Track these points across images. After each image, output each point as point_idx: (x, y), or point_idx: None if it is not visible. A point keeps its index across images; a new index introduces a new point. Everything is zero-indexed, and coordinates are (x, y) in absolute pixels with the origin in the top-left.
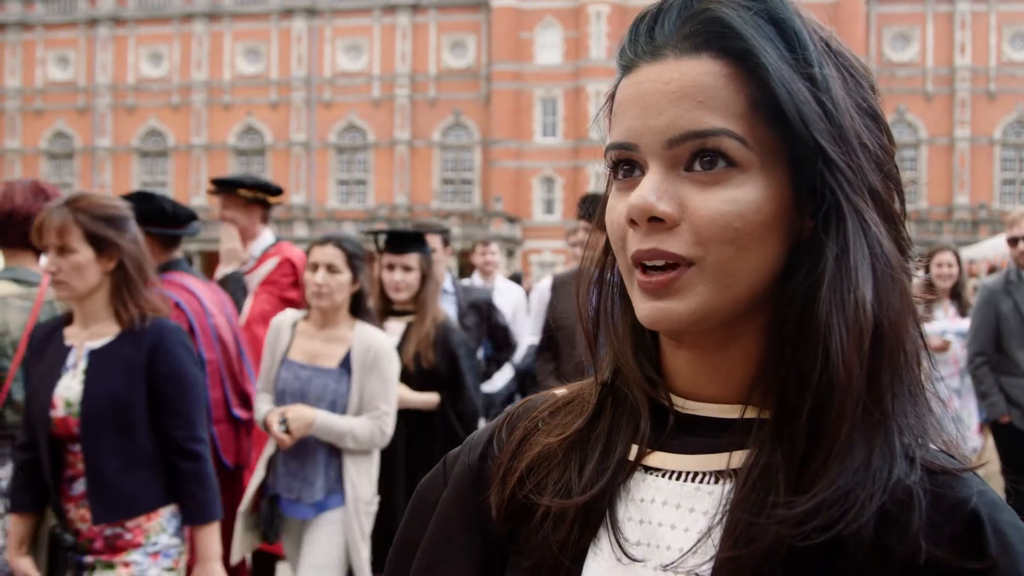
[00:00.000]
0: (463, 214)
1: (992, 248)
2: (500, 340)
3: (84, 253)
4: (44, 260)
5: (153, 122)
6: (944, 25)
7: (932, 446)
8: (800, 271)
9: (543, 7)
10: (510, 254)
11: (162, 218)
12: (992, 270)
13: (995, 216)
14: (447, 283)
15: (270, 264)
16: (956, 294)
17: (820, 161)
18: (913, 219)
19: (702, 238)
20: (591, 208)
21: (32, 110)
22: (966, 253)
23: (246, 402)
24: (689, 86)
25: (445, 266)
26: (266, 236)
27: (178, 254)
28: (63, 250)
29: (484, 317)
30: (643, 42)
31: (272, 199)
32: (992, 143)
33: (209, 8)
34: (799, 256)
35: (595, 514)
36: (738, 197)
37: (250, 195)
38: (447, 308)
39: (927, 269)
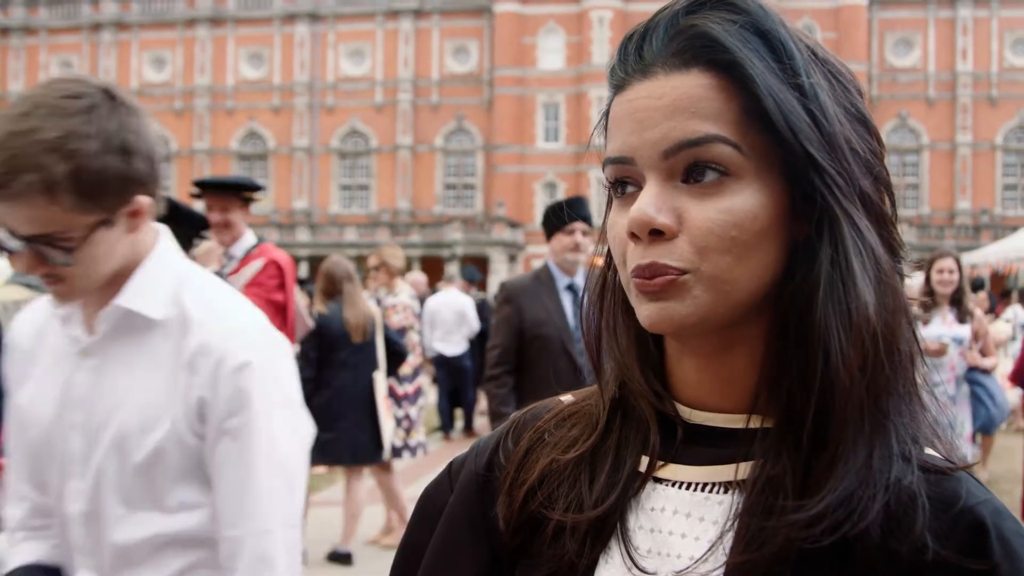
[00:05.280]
0: (465, 219)
1: (994, 253)
2: None
3: None
4: None
5: (156, 127)
6: (946, 31)
7: (928, 449)
8: (797, 276)
9: (546, 12)
10: (512, 259)
11: (175, 215)
12: (994, 275)
13: (997, 221)
14: None
15: (255, 266)
16: (956, 300)
17: (811, 168)
18: (915, 224)
19: (700, 248)
20: (581, 210)
21: None
22: (968, 258)
23: None
24: (681, 99)
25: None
26: (248, 237)
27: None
28: None
29: None
30: (632, 61)
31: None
32: (994, 148)
33: (212, 13)
34: (796, 261)
35: (607, 526)
36: (734, 206)
37: (252, 196)
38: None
39: (928, 275)
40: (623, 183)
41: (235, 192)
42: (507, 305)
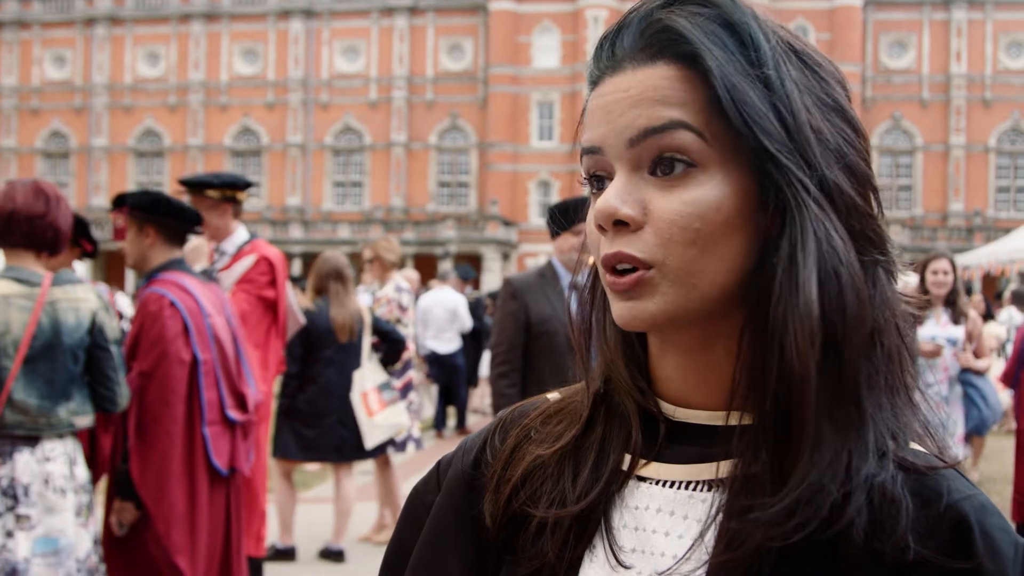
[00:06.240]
0: (459, 217)
1: (987, 255)
2: None
3: None
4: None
5: (149, 122)
6: (940, 33)
7: (915, 445)
8: (763, 269)
9: (541, 11)
10: (505, 257)
11: (167, 209)
12: (986, 277)
13: (990, 223)
14: None
15: (247, 262)
16: (950, 302)
17: (767, 160)
18: (908, 225)
19: (663, 240)
20: (575, 214)
21: (28, 109)
22: (960, 260)
23: (242, 404)
24: (647, 90)
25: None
26: (240, 233)
27: (179, 254)
28: None
29: None
30: (605, 58)
31: (241, 195)
32: (987, 150)
33: (207, 9)
34: (765, 254)
35: (591, 523)
36: (698, 197)
37: (218, 195)
38: None
39: (923, 276)
40: (599, 178)
41: (197, 191)
42: (513, 301)
